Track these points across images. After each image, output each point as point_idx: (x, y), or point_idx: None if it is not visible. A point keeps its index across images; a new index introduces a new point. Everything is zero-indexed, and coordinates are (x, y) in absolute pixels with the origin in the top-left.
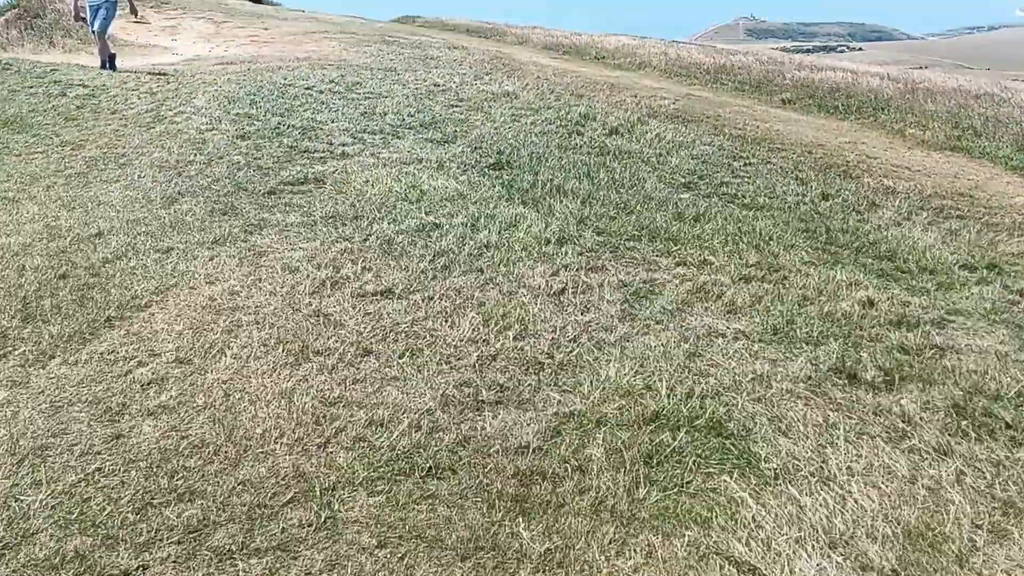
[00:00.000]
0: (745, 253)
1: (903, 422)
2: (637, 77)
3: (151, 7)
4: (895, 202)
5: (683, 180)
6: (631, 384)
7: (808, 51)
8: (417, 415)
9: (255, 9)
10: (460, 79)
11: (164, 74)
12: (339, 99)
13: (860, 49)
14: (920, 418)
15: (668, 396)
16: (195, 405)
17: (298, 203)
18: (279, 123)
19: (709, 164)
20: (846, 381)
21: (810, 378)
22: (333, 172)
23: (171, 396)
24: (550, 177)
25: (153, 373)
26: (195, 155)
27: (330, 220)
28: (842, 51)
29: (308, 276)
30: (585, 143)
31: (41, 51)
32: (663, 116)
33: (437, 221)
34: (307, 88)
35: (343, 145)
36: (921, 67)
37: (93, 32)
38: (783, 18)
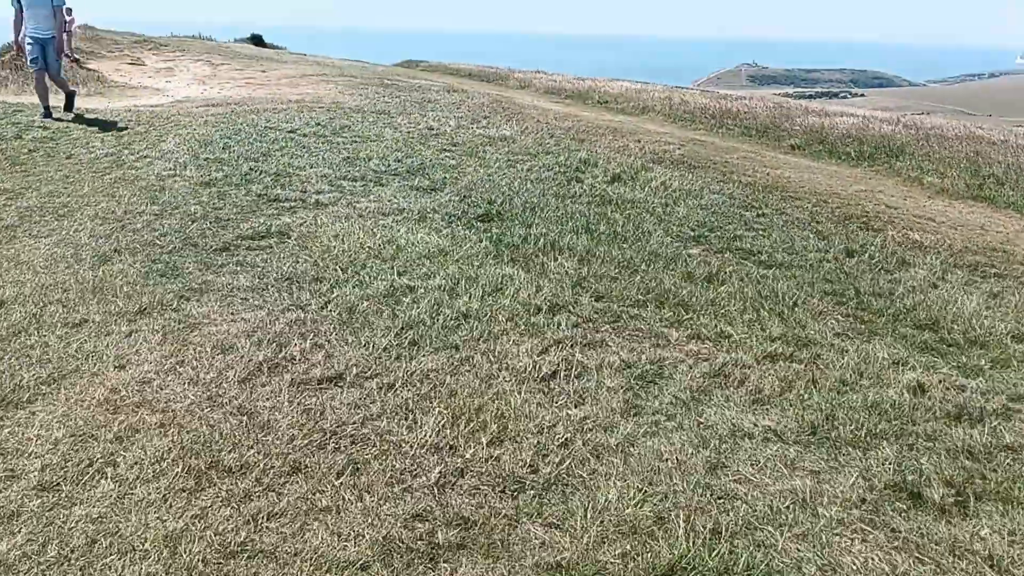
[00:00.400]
0: (767, 322)
1: (990, 566)
2: (640, 122)
3: (149, 49)
4: (926, 258)
5: (692, 233)
6: (637, 515)
7: (811, 97)
8: (345, 573)
9: (256, 52)
10: (456, 123)
11: (138, 114)
12: (322, 143)
13: (863, 95)
14: (1009, 558)
15: (687, 535)
16: (45, 559)
17: (253, 261)
18: (251, 168)
19: (719, 215)
20: (909, 503)
21: (864, 500)
22: (301, 224)
23: (15, 545)
24: (544, 230)
25: (1, 508)
26: (147, 205)
27: (285, 283)
28: (844, 97)
29: (243, 357)
30: (585, 191)
31: (25, 92)
32: (668, 162)
33: (411, 283)
34: (290, 131)
35: (318, 193)
36: (924, 113)
37: (35, 69)
38: (785, 64)
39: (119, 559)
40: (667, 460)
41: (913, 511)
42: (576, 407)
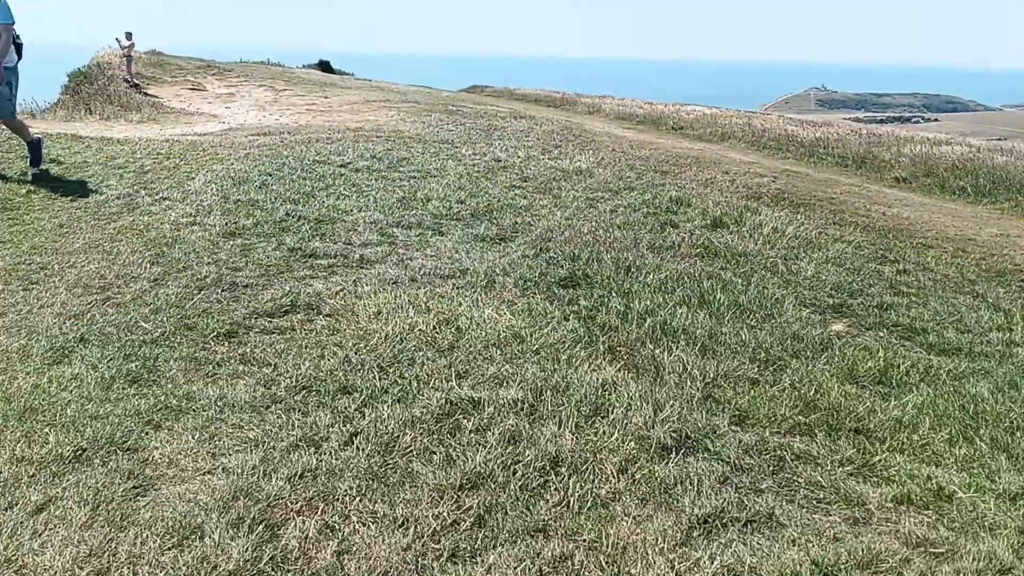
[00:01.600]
0: (993, 465)
1: None
2: (722, 150)
3: (213, 74)
4: None
5: (829, 300)
6: None
7: (881, 122)
8: None
9: (320, 78)
10: (525, 153)
11: (173, 145)
12: (376, 179)
13: (936, 120)
14: None
15: None
16: None
17: (262, 356)
18: (288, 213)
19: (853, 272)
20: None
21: None
22: (336, 293)
23: None
24: (648, 302)
25: None
26: (147, 266)
27: (300, 395)
28: (917, 122)
29: (206, 559)
30: (684, 240)
31: (74, 119)
32: (767, 199)
33: (475, 396)
34: (341, 166)
35: (363, 246)
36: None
37: None
38: (855, 88)
39: None
40: None
41: None
42: None
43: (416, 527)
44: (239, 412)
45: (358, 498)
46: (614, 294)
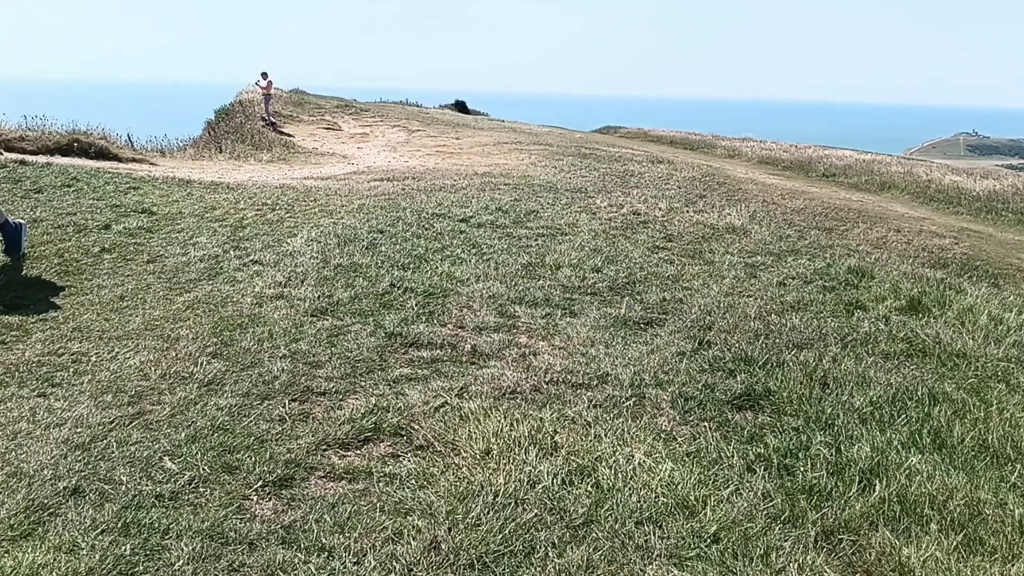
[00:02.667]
0: None
1: None
2: (883, 201)
3: (350, 114)
4: None
5: None
6: None
7: None
8: None
9: (454, 118)
10: (667, 205)
11: (285, 192)
12: (500, 238)
13: None
14: None
15: None
16: None
17: (315, 532)
18: (394, 283)
19: None
20: None
21: None
22: (437, 409)
23: None
24: (867, 447)
25: None
26: (205, 361)
27: None
28: None
29: None
30: (882, 332)
31: (203, 157)
32: (955, 266)
33: None
34: (462, 220)
35: (479, 330)
36: None
37: None
38: (1009, 134)
39: None
40: None
41: None
42: None
43: None
44: None
45: None
46: (812, 426)
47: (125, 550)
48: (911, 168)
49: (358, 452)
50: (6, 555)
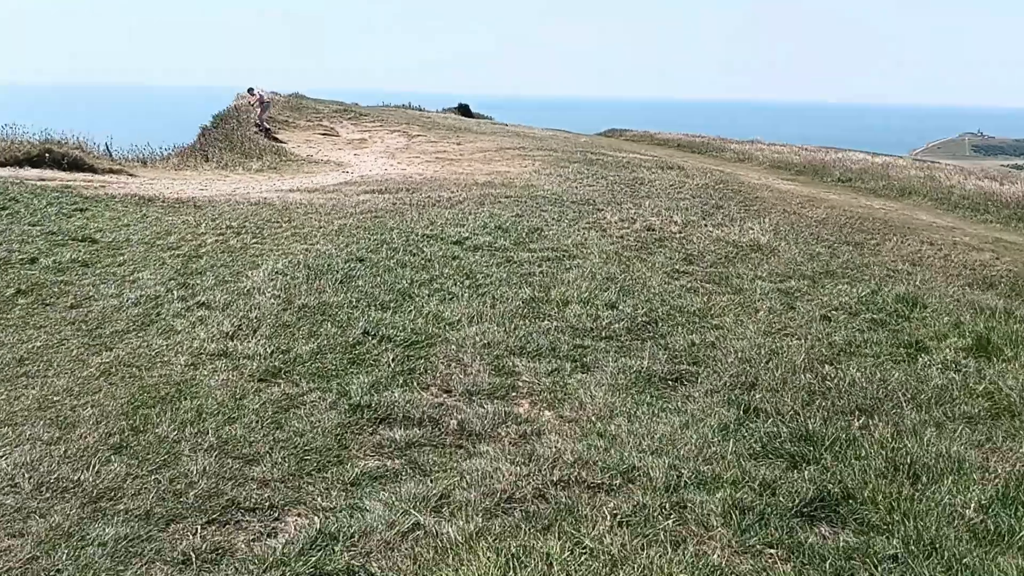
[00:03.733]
0: None
1: None
2: (906, 209)
3: (349, 119)
4: None
5: None
6: None
7: None
8: None
9: (457, 123)
10: (682, 218)
11: (260, 210)
12: (499, 263)
13: None
14: None
15: None
16: None
17: None
18: (368, 330)
19: None
20: None
21: None
22: (404, 535)
23: None
24: (969, 558)
25: None
26: (102, 460)
27: None
28: None
29: None
30: (955, 384)
31: (187, 167)
32: (1005, 287)
33: None
34: (457, 242)
35: (468, 397)
36: None
37: None
38: (1014, 134)
39: None
40: None
41: None
42: None
43: None
44: None
45: None
46: (914, 550)
47: None
48: (931, 172)
49: None
50: None
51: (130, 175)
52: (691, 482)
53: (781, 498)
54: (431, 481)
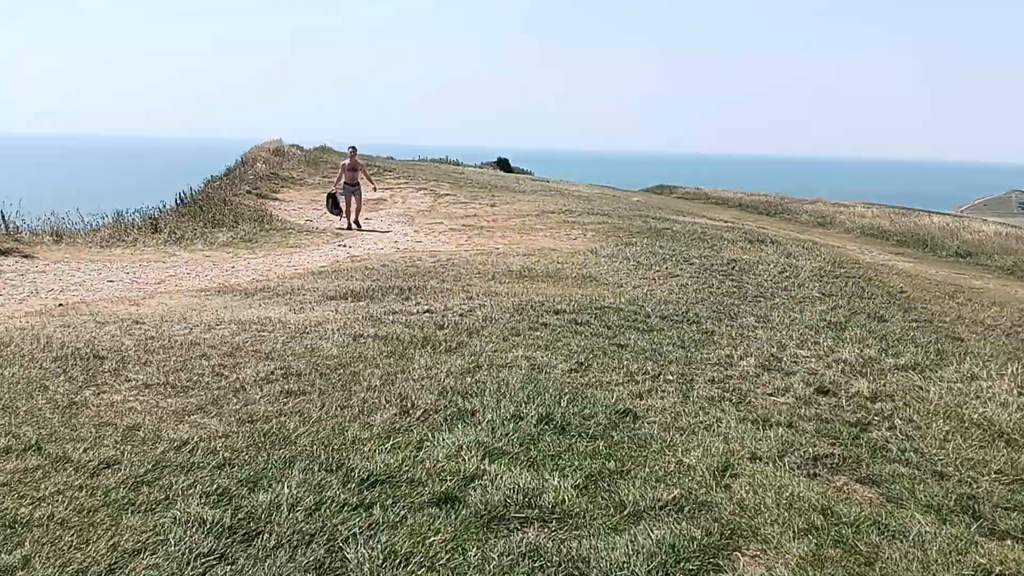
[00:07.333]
0: None
1: None
2: None
3: (373, 173)
4: None
5: None
6: None
7: None
8: None
9: (492, 179)
10: (856, 355)
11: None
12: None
13: None
14: None
15: None
16: None
17: None
18: None
19: None
20: None
21: None
22: None
23: None
24: None
25: None
26: None
27: None
28: None
29: None
30: None
31: (122, 242)
32: None
33: None
34: (445, 492)
35: None
36: None
37: None
38: None
39: None
40: None
41: None
42: None
43: None
44: None
45: None
46: None
47: None
48: None
49: None
50: None
51: (25, 256)
52: None
53: None
54: None
